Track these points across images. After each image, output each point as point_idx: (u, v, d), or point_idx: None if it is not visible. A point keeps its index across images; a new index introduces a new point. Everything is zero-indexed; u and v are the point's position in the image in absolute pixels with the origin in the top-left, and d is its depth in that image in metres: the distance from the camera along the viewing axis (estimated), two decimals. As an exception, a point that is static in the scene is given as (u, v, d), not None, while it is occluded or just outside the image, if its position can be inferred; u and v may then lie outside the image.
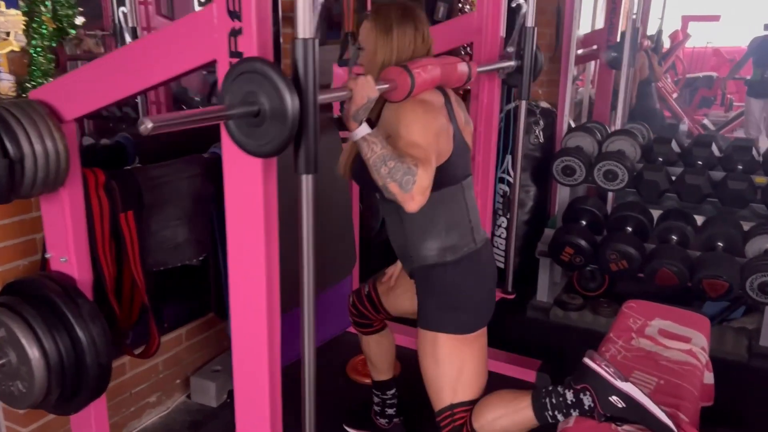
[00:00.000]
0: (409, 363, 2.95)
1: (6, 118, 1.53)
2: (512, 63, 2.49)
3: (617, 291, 3.50)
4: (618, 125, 3.72)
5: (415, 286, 1.86)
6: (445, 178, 1.75)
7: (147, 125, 1.14)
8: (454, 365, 1.81)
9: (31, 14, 1.86)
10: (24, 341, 1.65)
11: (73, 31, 1.93)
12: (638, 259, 3.01)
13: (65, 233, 1.78)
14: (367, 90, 1.53)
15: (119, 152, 2.36)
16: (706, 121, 7.16)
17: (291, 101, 1.26)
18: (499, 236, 3.77)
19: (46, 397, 1.72)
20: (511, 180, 3.70)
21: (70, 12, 1.91)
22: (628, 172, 3.21)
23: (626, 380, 1.65)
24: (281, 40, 2.93)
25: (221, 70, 1.38)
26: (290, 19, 2.97)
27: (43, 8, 1.84)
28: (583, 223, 3.34)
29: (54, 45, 1.89)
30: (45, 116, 1.61)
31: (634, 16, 3.68)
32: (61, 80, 1.68)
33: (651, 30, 5.52)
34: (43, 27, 1.86)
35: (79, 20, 1.94)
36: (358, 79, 1.53)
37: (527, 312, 3.46)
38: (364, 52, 1.81)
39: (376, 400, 2.45)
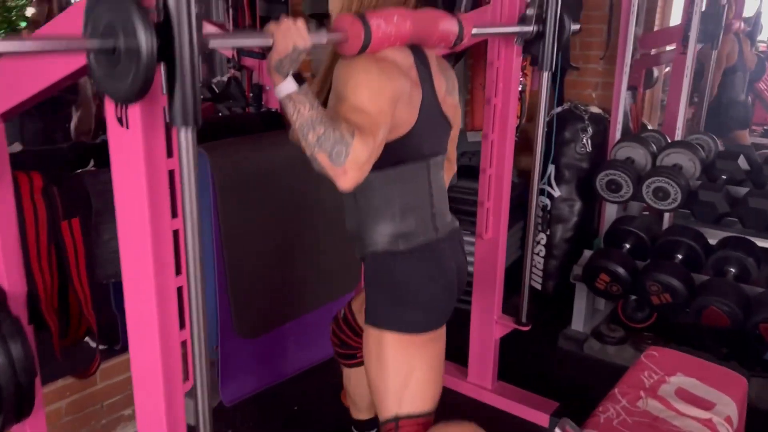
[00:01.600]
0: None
1: None
2: (528, 28, 2.11)
3: (669, 324, 3.07)
4: (679, 135, 3.27)
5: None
6: (406, 152, 1.49)
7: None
8: (400, 369, 1.56)
9: (-24, 5, 1.74)
10: (-68, 357, 1.54)
11: (23, 24, 1.80)
12: (683, 293, 2.59)
13: (-7, 241, 1.65)
14: (293, 37, 1.25)
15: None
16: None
17: (145, 38, 1.02)
18: (537, 254, 3.42)
19: (-39, 416, 1.60)
20: (553, 192, 3.36)
21: (21, 2, 1.78)
22: (681, 190, 2.79)
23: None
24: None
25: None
26: None
27: (-12, -1, 1.74)
28: (627, 246, 2.94)
29: (2, 37, 1.76)
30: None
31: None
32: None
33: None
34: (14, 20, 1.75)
35: (30, 11, 1.80)
36: (281, 23, 1.27)
37: (558, 342, 3.10)
38: None
39: (353, 438, 2.21)
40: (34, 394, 1.67)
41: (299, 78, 1.30)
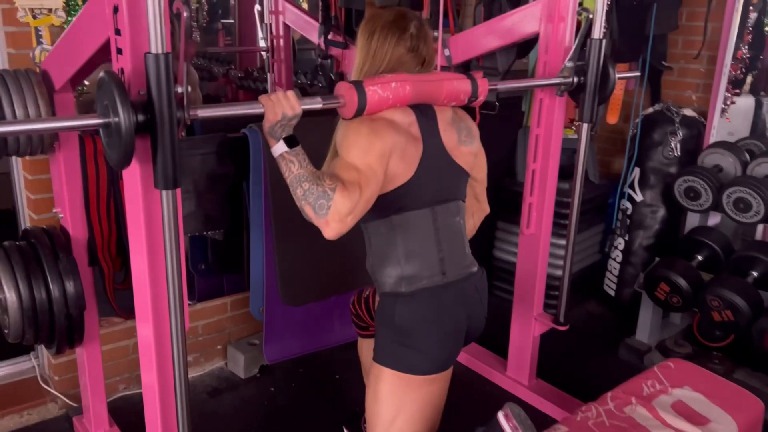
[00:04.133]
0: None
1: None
2: (568, 80, 2.13)
3: (751, 348, 2.83)
4: (781, 144, 2.99)
5: None
6: (407, 200, 1.60)
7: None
8: (390, 406, 1.64)
9: (69, -8, 2.06)
10: (3, 283, 1.87)
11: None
12: (747, 313, 2.41)
13: (62, 192, 1.96)
14: (282, 106, 1.46)
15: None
16: None
17: (124, 116, 1.27)
18: (614, 259, 3.30)
19: (24, 336, 1.93)
20: (635, 196, 3.22)
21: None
22: (765, 203, 2.58)
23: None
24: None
25: (112, 50, 1.40)
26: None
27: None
28: (699, 258, 2.76)
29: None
30: (34, 84, 1.78)
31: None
32: (54, 49, 1.83)
33: None
34: (79, 5, 2.05)
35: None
36: (272, 94, 1.47)
37: (619, 351, 2.98)
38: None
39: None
40: (83, 325, 1.96)
41: (294, 140, 1.47)
